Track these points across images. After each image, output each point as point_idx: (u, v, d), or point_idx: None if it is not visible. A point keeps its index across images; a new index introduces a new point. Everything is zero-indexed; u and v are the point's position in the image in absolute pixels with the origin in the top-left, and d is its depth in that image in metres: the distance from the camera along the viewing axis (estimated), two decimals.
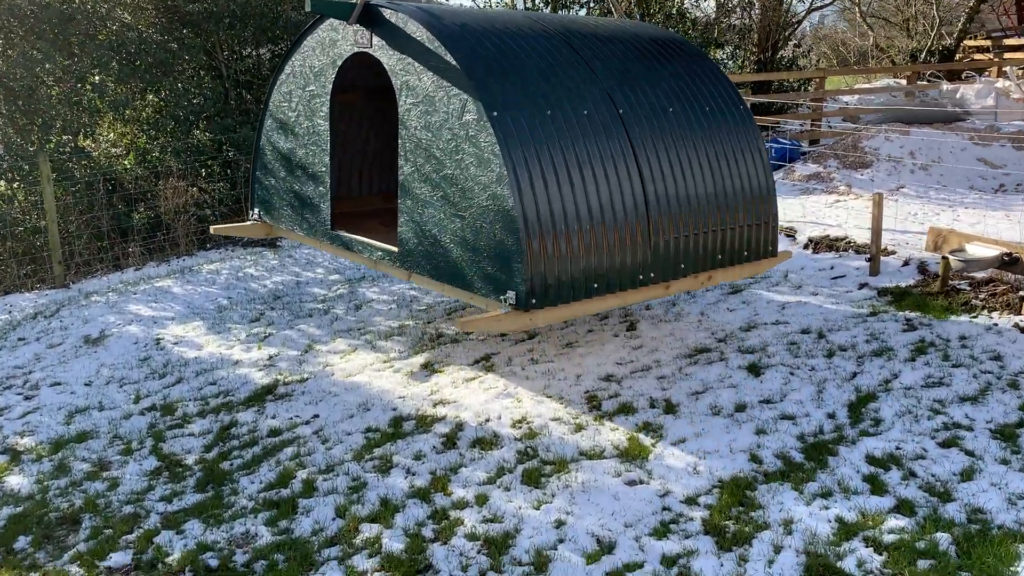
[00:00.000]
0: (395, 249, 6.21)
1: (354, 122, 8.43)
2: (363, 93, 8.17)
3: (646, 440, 5.25)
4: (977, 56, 20.75)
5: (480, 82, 5.44)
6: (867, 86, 19.83)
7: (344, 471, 5.17)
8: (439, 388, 6.27)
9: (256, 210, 7.80)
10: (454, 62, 5.52)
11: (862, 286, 8.05)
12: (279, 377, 6.83)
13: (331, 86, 6.62)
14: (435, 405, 5.97)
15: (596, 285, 5.64)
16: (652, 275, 5.96)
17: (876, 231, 8.28)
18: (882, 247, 8.57)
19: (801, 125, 16.31)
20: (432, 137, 5.73)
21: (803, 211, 10.90)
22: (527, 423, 5.59)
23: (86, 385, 7.10)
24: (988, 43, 21.00)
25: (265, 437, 5.80)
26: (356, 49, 6.34)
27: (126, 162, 11.90)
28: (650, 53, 6.63)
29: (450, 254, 5.71)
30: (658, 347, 6.74)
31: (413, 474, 5.07)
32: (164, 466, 5.57)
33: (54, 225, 10.40)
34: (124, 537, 4.71)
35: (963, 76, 18.21)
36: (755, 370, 6.15)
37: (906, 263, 8.41)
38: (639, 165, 5.88)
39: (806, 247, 9.63)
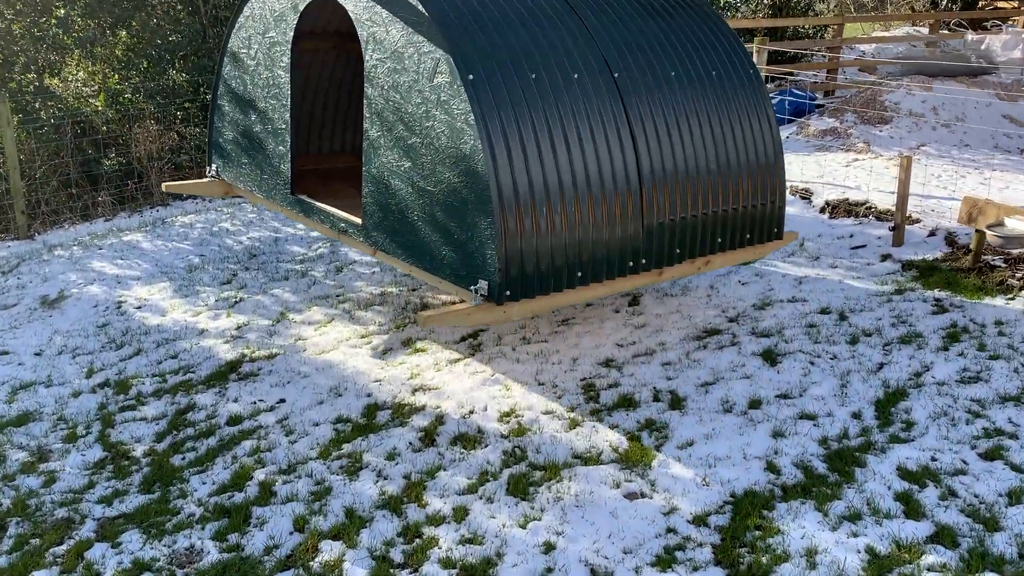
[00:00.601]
0: (359, 221, 5.55)
1: (325, 70, 7.67)
2: (335, 37, 7.40)
3: (649, 442, 4.65)
4: (1001, 3, 19.76)
5: (455, 38, 4.74)
6: (886, 34, 18.90)
7: (307, 472, 4.58)
8: (420, 371, 5.66)
9: (214, 165, 7.09)
10: (426, 13, 4.81)
11: (885, 258, 7.40)
12: (246, 352, 6.21)
13: (292, 33, 5.88)
14: (414, 392, 5.36)
15: (580, 273, 5.02)
16: (644, 261, 5.33)
17: (902, 197, 7.60)
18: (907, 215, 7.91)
19: (815, 75, 15.48)
20: (400, 99, 5.03)
21: (819, 170, 10.20)
22: (516, 416, 4.99)
23: (36, 355, 6.48)
24: None
25: (223, 426, 5.21)
26: None
27: (96, 103, 11.11)
28: (653, 8, 5.88)
29: (417, 232, 5.07)
30: (663, 326, 6.12)
31: (385, 478, 4.49)
32: (109, 457, 4.98)
33: (15, 172, 9.68)
34: (52, 550, 4.14)
35: (987, 25, 17.30)
36: (771, 357, 5.54)
37: (932, 233, 7.75)
38: (634, 139, 5.20)
39: (822, 211, 8.96)
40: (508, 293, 4.72)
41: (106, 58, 11.23)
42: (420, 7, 4.83)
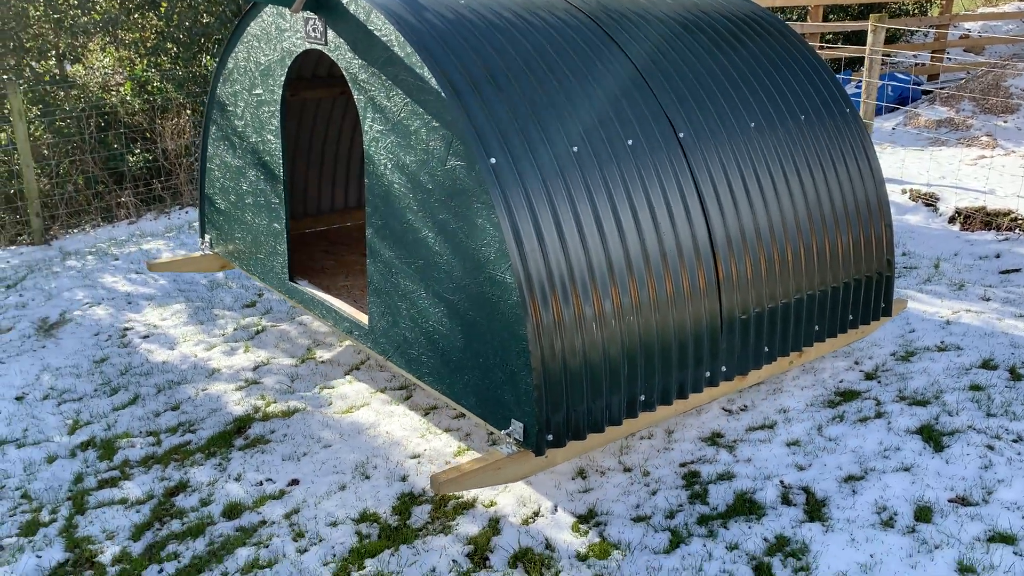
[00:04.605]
0: (365, 322, 4.37)
1: (333, 119, 6.49)
2: (337, 82, 6.21)
3: (784, 575, 3.36)
4: None
5: (472, 110, 3.49)
6: (994, 10, 17.02)
7: None
8: (469, 444, 4.44)
9: (207, 236, 5.97)
10: (434, 81, 3.54)
11: None
12: (259, 404, 5.06)
13: (282, 91, 4.70)
14: None
15: (644, 396, 3.77)
16: (724, 368, 4.07)
17: None
18: None
19: (915, 57, 13.82)
20: (407, 184, 3.80)
21: (939, 170, 8.68)
22: (596, 523, 3.73)
23: (16, 400, 5.43)
24: None
25: (218, 520, 4.05)
26: (308, 45, 4.40)
27: (123, 90, 10.10)
28: (722, 39, 4.55)
29: (433, 350, 3.86)
30: (781, 383, 4.80)
31: None
32: (71, 562, 3.87)
33: (29, 170, 8.70)
34: None
35: None
36: (932, 437, 4.18)
37: None
38: (708, 218, 3.91)
39: (952, 221, 7.49)
40: (551, 437, 3.49)
41: (132, 43, 10.21)
42: (426, 72, 3.58)
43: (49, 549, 3.96)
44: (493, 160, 3.42)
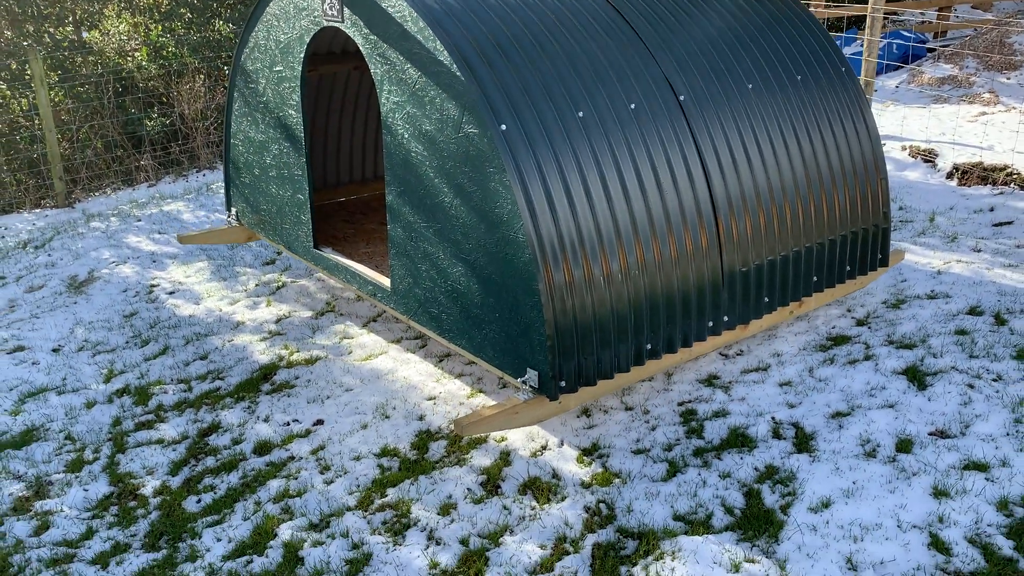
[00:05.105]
0: (387, 284, 4.63)
1: (350, 92, 6.70)
2: (355, 57, 6.41)
3: (772, 499, 3.65)
4: None
5: (483, 79, 3.73)
6: None
7: (343, 529, 3.71)
8: (482, 386, 4.73)
9: (233, 210, 6.23)
10: (445, 52, 3.78)
11: None
12: (283, 353, 5.37)
13: (301, 68, 4.93)
14: None
15: (650, 346, 4.05)
16: (726, 318, 4.34)
17: None
18: None
19: (922, 14, 13.85)
20: (424, 151, 4.06)
21: (940, 126, 8.85)
22: (599, 455, 4.03)
23: (53, 352, 5.75)
24: None
25: (249, 456, 4.37)
26: (325, 23, 4.62)
27: (139, 56, 10.32)
28: (721, 5, 4.74)
29: (453, 305, 4.14)
30: (776, 328, 5.07)
31: (437, 542, 3.59)
32: (115, 495, 4.20)
33: (52, 134, 8.97)
34: None
35: None
36: (916, 377, 4.45)
37: None
38: (707, 173, 4.17)
39: (950, 176, 7.68)
40: (563, 384, 3.78)
41: (147, 8, 10.40)
42: (438, 44, 3.80)
43: (95, 483, 4.29)
44: (503, 127, 3.67)
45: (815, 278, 4.76)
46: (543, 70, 3.90)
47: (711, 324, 4.29)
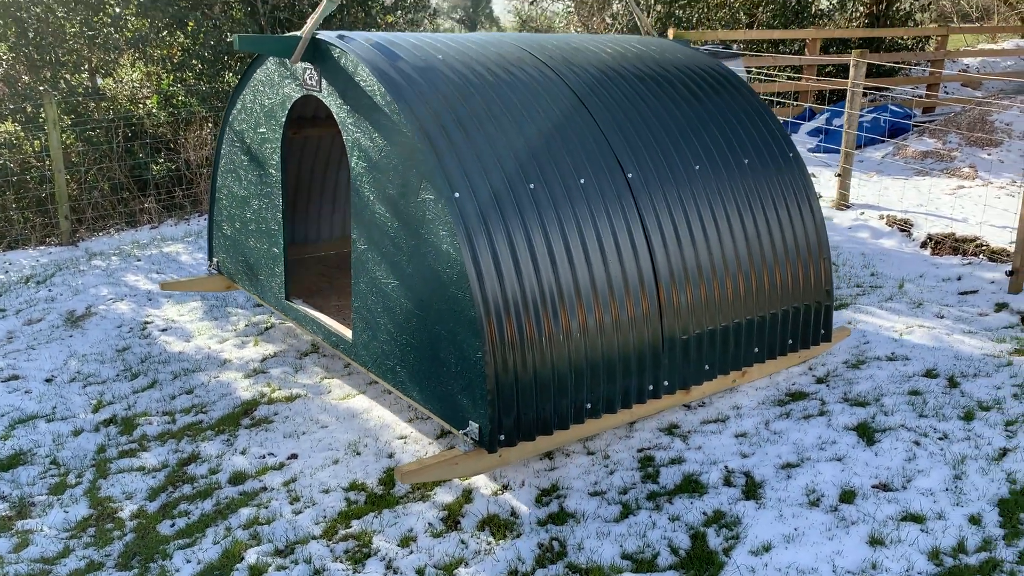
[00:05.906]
0: (349, 336, 4.89)
1: (333, 154, 7.10)
2: (333, 122, 6.80)
3: (716, 542, 3.83)
4: None
5: (440, 150, 4.04)
6: (994, 47, 17.51)
7: (306, 556, 3.89)
8: None
9: (215, 259, 6.54)
10: (407, 124, 4.12)
11: (1000, 307, 6.40)
12: (265, 390, 5.58)
13: (282, 131, 5.28)
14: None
15: (590, 405, 4.27)
16: (667, 382, 4.57)
17: (1022, 235, 6.58)
18: None
19: (913, 89, 14.30)
20: (386, 212, 4.37)
21: (918, 197, 9.16)
22: (558, 496, 4.22)
23: (46, 382, 5.98)
24: None
25: (224, 485, 4.57)
26: (305, 91, 4.97)
27: (149, 103, 10.74)
28: (675, 91, 5.08)
29: (406, 358, 4.39)
30: (738, 385, 5.27)
31: (395, 571, 3.76)
32: (94, 517, 4.39)
33: (61, 175, 9.32)
34: None
35: None
36: (867, 433, 4.65)
37: None
38: (650, 245, 4.43)
39: (924, 246, 7.95)
40: (502, 437, 3.99)
41: (160, 59, 10.85)
42: (401, 117, 4.14)
43: (75, 506, 4.48)
44: (457, 194, 3.96)
45: (756, 349, 4.99)
46: (498, 144, 4.20)
47: (651, 387, 4.50)
